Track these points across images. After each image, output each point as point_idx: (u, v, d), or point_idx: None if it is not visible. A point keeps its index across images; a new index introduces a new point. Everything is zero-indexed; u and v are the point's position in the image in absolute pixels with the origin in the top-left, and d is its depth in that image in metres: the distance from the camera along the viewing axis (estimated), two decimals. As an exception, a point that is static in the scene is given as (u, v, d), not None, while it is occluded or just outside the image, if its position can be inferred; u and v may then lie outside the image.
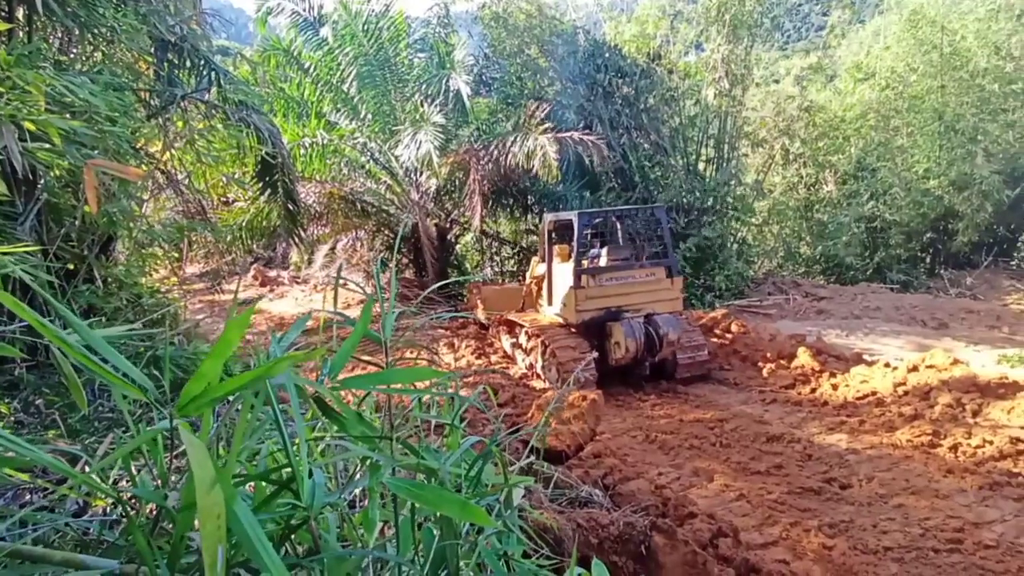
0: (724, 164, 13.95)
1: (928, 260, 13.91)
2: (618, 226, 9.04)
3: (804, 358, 7.94)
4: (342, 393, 1.37)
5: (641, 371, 7.97)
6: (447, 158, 9.84)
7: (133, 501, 1.21)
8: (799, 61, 15.30)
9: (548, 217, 8.93)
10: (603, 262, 8.17)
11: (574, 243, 7.77)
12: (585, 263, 8.04)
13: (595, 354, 6.79)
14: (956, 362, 7.55)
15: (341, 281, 1.70)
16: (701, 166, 14.28)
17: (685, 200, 12.38)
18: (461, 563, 1.07)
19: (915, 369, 7.35)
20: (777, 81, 15.28)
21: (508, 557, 1.18)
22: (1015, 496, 5.00)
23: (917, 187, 13.14)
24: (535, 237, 15.13)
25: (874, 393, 7.02)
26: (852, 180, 14.70)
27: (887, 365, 7.62)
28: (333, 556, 0.94)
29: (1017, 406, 6.41)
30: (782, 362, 8.17)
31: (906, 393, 6.94)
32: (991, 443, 5.62)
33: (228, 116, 6.41)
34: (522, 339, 8.82)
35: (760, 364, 8.28)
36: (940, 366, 7.29)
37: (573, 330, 7.90)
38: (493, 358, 8.91)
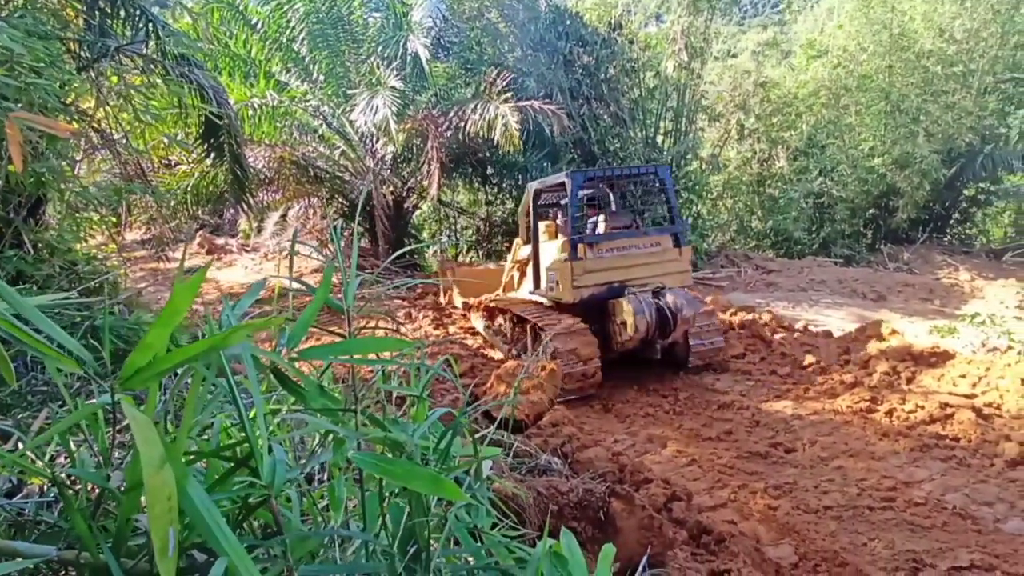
0: (682, 137, 14.09)
1: (870, 235, 14.52)
2: (613, 190, 8.15)
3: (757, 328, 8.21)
4: (299, 364, 1.30)
5: (651, 354, 7.00)
6: (404, 124, 9.55)
7: (72, 481, 1.12)
8: (756, 36, 15.45)
9: (532, 186, 7.88)
10: (600, 230, 7.34)
11: (567, 208, 6.95)
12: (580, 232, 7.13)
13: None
14: (893, 332, 7.97)
15: (295, 248, 1.61)
16: (660, 139, 14.38)
17: (643, 173, 12.46)
18: (430, 537, 1.04)
19: (856, 339, 7.72)
20: (735, 56, 15.42)
21: (478, 530, 1.15)
22: (942, 457, 5.35)
23: (863, 164, 13.61)
24: (496, 208, 15.02)
25: (818, 362, 7.34)
26: (803, 156, 15.11)
27: (829, 335, 7.98)
28: (296, 535, 0.89)
29: (946, 374, 6.83)
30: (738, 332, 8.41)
31: (847, 362, 7.29)
32: (922, 408, 5.98)
33: (168, 71, 6.00)
34: (504, 325, 8.06)
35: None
36: (879, 336, 7.67)
37: (567, 312, 6.99)
38: (451, 328, 8.86)
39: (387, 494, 1.15)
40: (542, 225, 7.81)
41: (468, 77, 11.82)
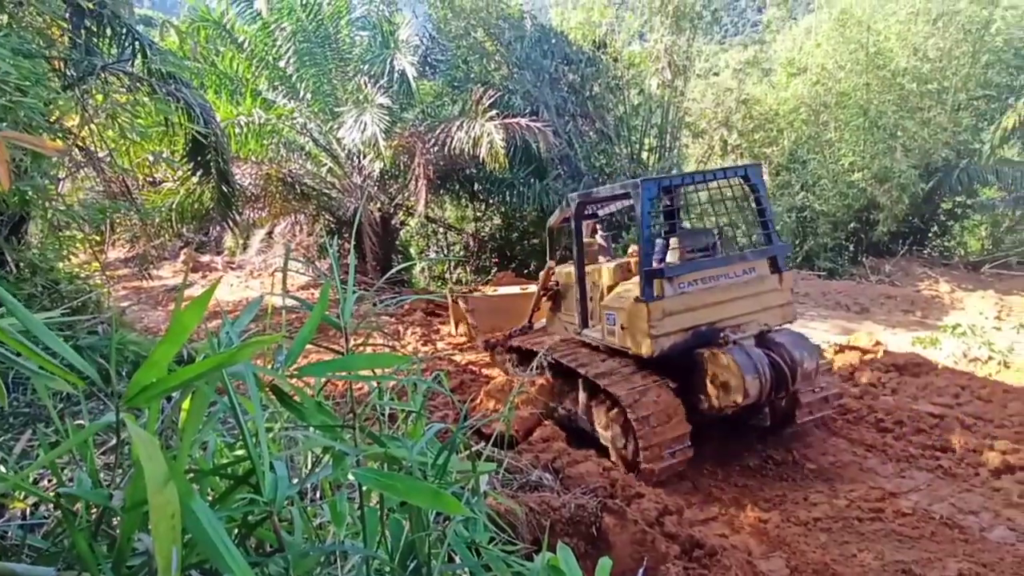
0: (666, 153, 14.29)
1: (852, 248, 14.76)
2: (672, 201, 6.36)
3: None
4: (295, 381, 1.30)
5: (759, 422, 5.59)
6: (392, 141, 9.60)
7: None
8: (737, 55, 15.80)
9: (573, 199, 6.32)
10: (671, 257, 5.55)
11: (639, 224, 5.27)
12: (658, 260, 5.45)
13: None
14: (877, 344, 8.09)
15: (280, 265, 1.62)
16: (645, 155, 14.57)
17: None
18: (430, 553, 1.04)
19: (841, 351, 7.82)
20: (717, 74, 15.74)
21: (476, 545, 1.16)
22: (928, 467, 5.42)
23: (843, 179, 13.87)
24: (484, 224, 15.06)
25: (804, 374, 7.40)
26: (785, 171, 15.37)
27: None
28: (298, 552, 0.89)
29: (929, 383, 6.93)
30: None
31: (833, 373, 7.36)
32: (908, 419, 6.06)
33: (155, 89, 6.00)
34: (553, 381, 6.43)
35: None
36: (863, 348, 7.78)
37: (634, 360, 5.48)
38: (439, 344, 8.84)
39: (386, 510, 1.15)
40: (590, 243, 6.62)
41: (455, 95, 11.93)
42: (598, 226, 7.38)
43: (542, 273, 7.32)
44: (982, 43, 13.33)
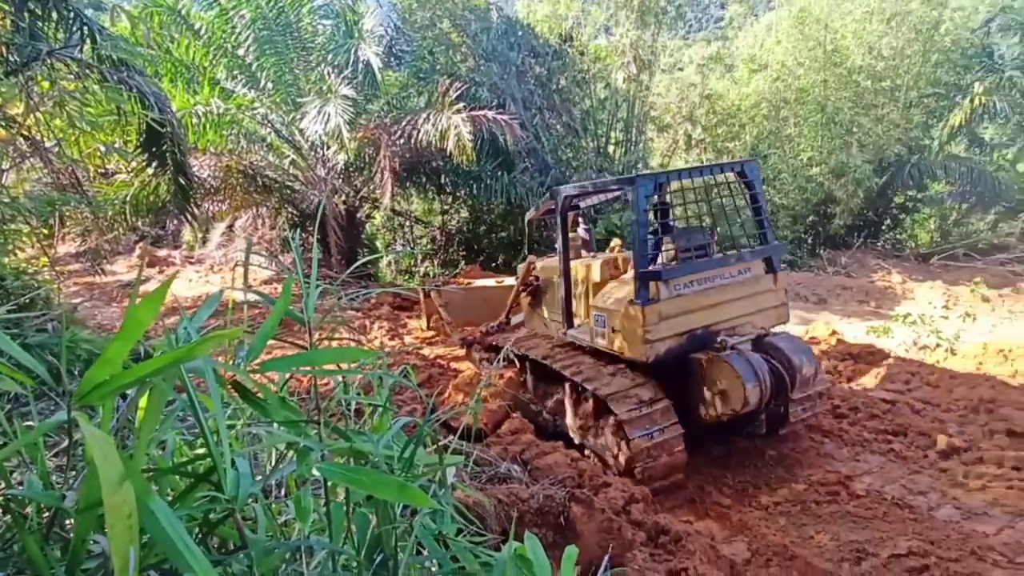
0: (632, 147, 14.45)
1: (810, 241, 15.20)
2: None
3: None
4: (257, 377, 1.28)
5: (755, 429, 5.46)
6: (357, 133, 9.44)
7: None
8: (700, 50, 16.01)
9: (559, 192, 5.99)
10: (663, 257, 5.33)
11: (634, 222, 5.06)
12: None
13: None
14: (834, 333, 8.38)
15: (242, 259, 1.59)
16: (611, 149, 14.69)
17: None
18: (397, 546, 1.04)
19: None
20: (681, 69, 15.93)
21: (444, 537, 1.16)
22: (881, 451, 5.65)
23: (802, 174, 14.26)
24: (451, 217, 14.98)
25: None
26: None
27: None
28: (261, 549, 0.87)
29: (883, 371, 7.21)
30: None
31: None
32: (862, 404, 6.30)
33: (105, 77, 5.77)
34: (527, 376, 6.31)
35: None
36: (821, 337, 8.05)
37: (622, 364, 5.27)
38: (407, 339, 8.78)
39: (352, 504, 1.15)
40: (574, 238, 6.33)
41: (421, 86, 11.81)
42: (580, 219, 7.12)
43: (521, 266, 7.01)
44: (932, 43, 13.84)
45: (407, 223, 15.42)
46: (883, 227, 15.71)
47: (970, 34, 14.27)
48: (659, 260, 5.21)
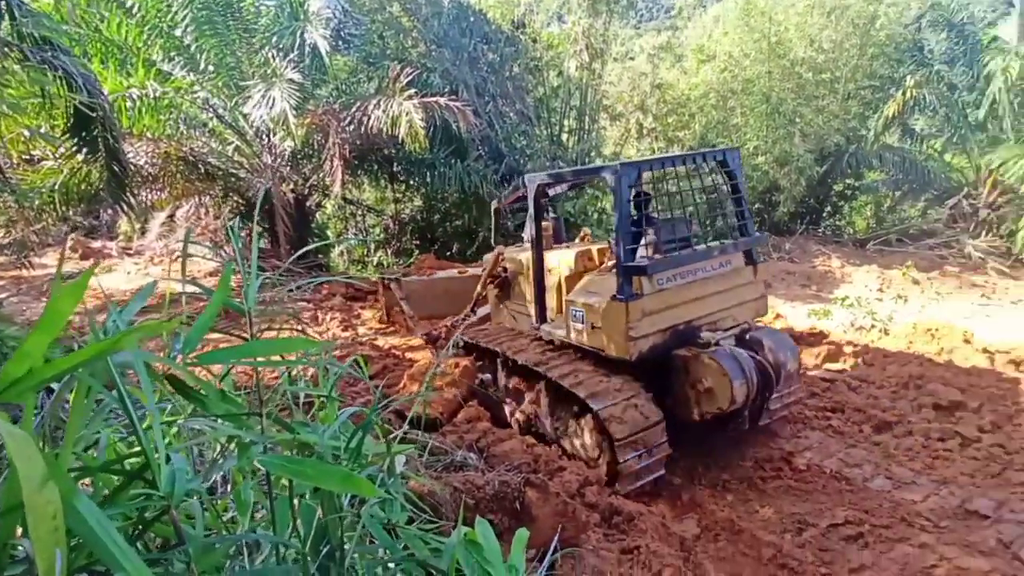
0: (586, 136, 14.55)
1: (756, 227, 15.69)
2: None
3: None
4: (199, 371, 1.24)
5: (738, 426, 5.26)
6: (304, 119, 9.16)
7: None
8: (651, 40, 16.20)
9: (532, 179, 5.75)
10: (642, 250, 5.00)
11: (617, 213, 4.82)
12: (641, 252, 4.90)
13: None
14: (778, 316, 8.72)
15: (188, 250, 1.53)
16: (564, 137, 14.75)
17: (548, 170, 12.76)
18: (344, 536, 1.03)
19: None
20: (632, 58, 16.10)
21: (393, 525, 1.15)
22: (820, 427, 5.94)
23: (748, 162, 14.69)
24: (404, 205, 14.76)
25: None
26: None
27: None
28: (200, 545, 0.85)
29: (823, 351, 7.56)
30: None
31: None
32: (805, 384, 6.59)
33: (27, 56, 5.40)
34: (499, 373, 5.98)
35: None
36: (765, 321, 8.34)
37: (617, 369, 5.00)
38: (361, 330, 8.64)
39: (298, 496, 1.13)
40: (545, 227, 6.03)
41: (371, 71, 11.54)
42: (549, 208, 6.97)
43: (488, 257, 6.75)
44: (868, 37, 14.42)
45: (359, 212, 15.13)
46: (824, 214, 16.38)
47: (903, 29, 14.92)
48: (638, 252, 4.96)
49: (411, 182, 13.44)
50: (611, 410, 4.59)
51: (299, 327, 2.39)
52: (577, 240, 6.67)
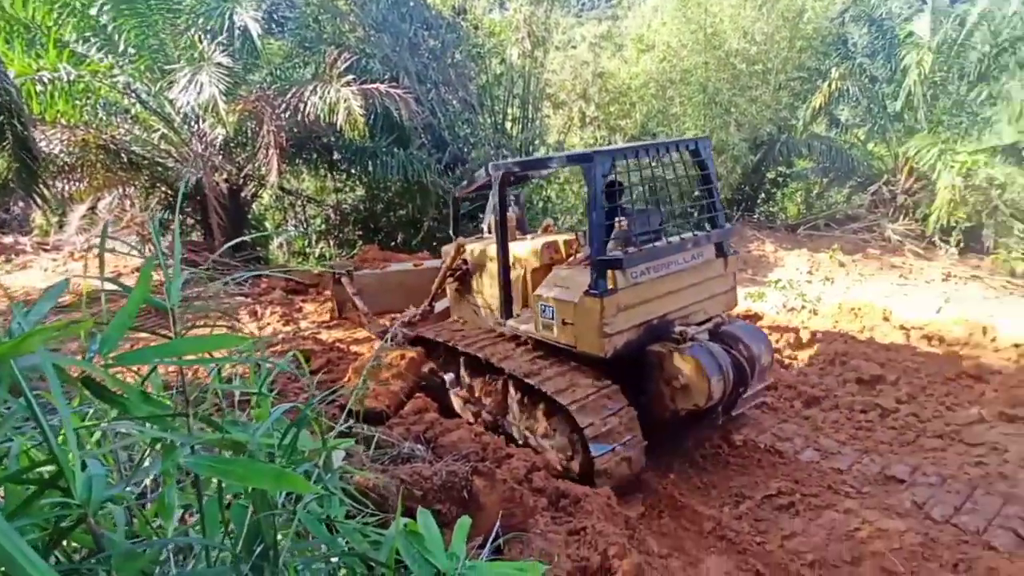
0: (529, 124, 14.58)
1: (696, 214, 16.18)
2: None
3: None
4: (124, 373, 1.18)
5: (711, 421, 5.17)
6: (236, 105, 8.76)
7: None
8: (592, 28, 16.35)
9: (498, 167, 5.54)
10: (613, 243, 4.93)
11: (590, 205, 4.61)
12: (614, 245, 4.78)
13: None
14: (715, 300, 9.03)
15: (108, 245, 1.45)
16: (508, 125, 14.73)
17: (493, 159, 12.72)
18: (279, 534, 1.01)
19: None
20: (574, 47, 16.20)
21: (331, 520, 1.14)
22: (756, 404, 6.22)
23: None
24: (346, 195, 14.39)
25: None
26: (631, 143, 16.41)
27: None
28: (121, 552, 0.82)
29: (757, 332, 7.89)
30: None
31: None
32: (739, 364, 6.88)
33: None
34: (463, 373, 5.81)
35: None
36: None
37: (588, 365, 4.91)
38: (303, 324, 8.42)
39: (231, 497, 1.10)
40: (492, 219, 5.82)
41: (307, 56, 11.14)
42: (512, 197, 6.68)
43: (448, 248, 6.48)
44: (797, 30, 15.02)
45: (298, 202, 14.66)
46: (758, 200, 17.06)
47: (829, 23, 15.63)
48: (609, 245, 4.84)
49: (352, 171, 13.12)
50: (583, 408, 4.46)
51: (229, 323, 2.31)
52: (540, 231, 6.45)
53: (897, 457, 5.20)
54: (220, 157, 10.13)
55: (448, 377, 5.95)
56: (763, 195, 17.21)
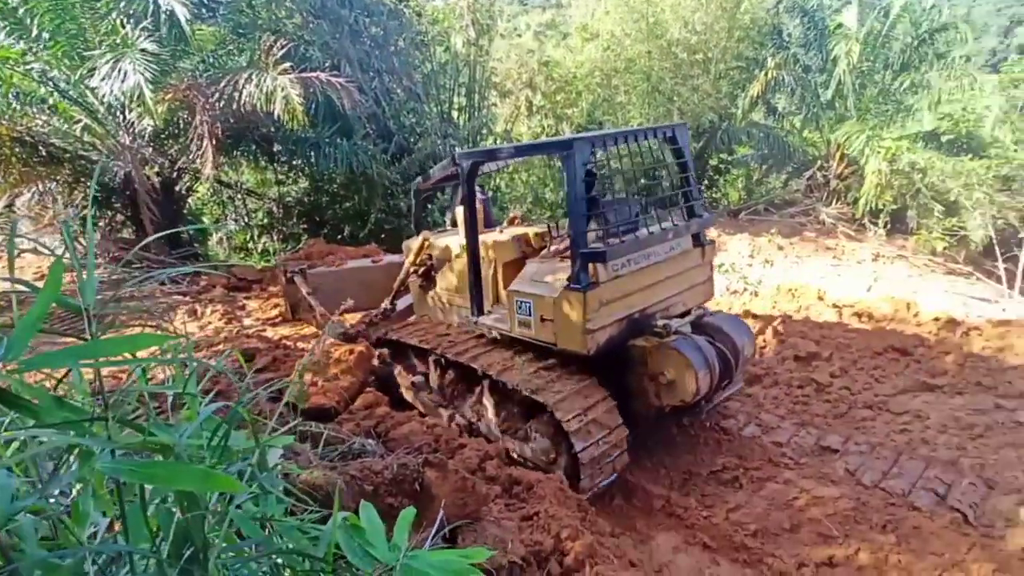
0: (476, 113, 14.48)
1: (643, 203, 16.50)
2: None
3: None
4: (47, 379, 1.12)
5: (695, 415, 5.24)
6: (165, 94, 8.32)
7: None
8: (537, 17, 16.38)
9: (468, 157, 5.28)
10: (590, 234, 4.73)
11: (570, 194, 4.45)
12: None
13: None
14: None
15: (23, 243, 1.36)
16: (455, 114, 14.60)
17: (439, 149, 12.58)
18: (212, 536, 0.98)
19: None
20: (519, 35, 16.18)
21: (268, 519, 1.11)
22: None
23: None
24: (288, 188, 13.95)
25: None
26: (585, 132, 16.56)
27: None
28: (34, 564, 0.77)
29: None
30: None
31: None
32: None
33: None
34: (431, 372, 5.62)
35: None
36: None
37: (568, 362, 4.77)
38: (246, 321, 8.14)
39: (158, 500, 1.05)
40: (458, 211, 5.55)
41: (241, 43, 10.67)
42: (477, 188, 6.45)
43: (410, 243, 6.22)
44: (735, 20, 15.44)
45: (238, 195, 14.12)
46: (702, 187, 17.53)
47: (764, 14, 16.13)
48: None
49: (294, 163, 12.72)
50: (567, 408, 4.34)
51: (156, 324, 2.21)
52: (506, 224, 6.25)
53: (831, 428, 5.49)
54: (150, 149, 9.63)
55: (417, 379, 5.72)
56: (707, 181, 17.70)
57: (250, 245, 14.01)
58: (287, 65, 8.77)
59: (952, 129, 15.18)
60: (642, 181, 5.39)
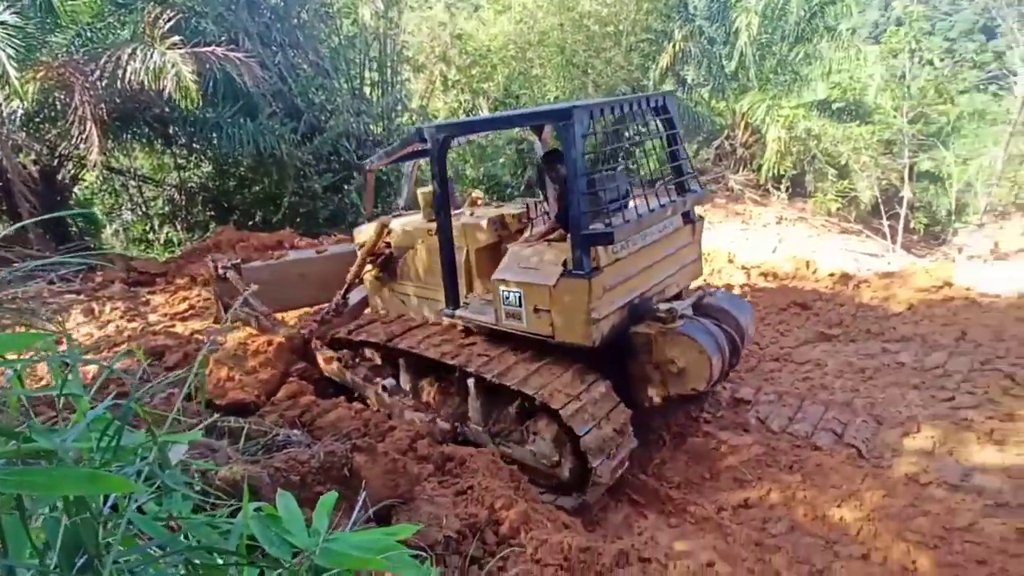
0: (390, 88, 14.05)
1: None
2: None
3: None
4: None
5: (702, 402, 5.06)
6: (35, 72, 7.50)
7: None
8: (446, -12, 15.95)
9: (430, 130, 4.72)
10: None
11: (570, 169, 3.92)
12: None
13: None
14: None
15: None
16: (367, 90, 14.10)
17: (352, 127, 12.14)
18: (108, 539, 0.92)
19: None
20: (430, 7, 15.74)
21: (173, 518, 1.06)
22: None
23: (549, 113, 15.42)
24: (190, 173, 13.03)
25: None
26: (502, 106, 16.45)
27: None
28: None
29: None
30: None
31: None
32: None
33: None
34: (413, 382, 5.14)
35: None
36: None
37: (565, 356, 4.39)
38: (152, 318, 7.62)
39: (43, 511, 0.97)
40: (420, 193, 5.04)
41: (122, 15, 9.76)
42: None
43: (363, 230, 5.71)
44: (643, -8, 15.75)
45: (132, 182, 13.07)
46: (620, 158, 17.96)
47: (671, -14, 16.55)
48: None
49: (195, 146, 11.88)
50: (573, 407, 3.98)
51: (33, 321, 2.03)
52: (466, 205, 5.80)
53: (743, 382, 5.86)
54: (24, 135, 8.70)
55: (388, 382, 5.20)
56: (623, 153, 18.14)
57: (151, 236, 13.06)
58: (177, 39, 8.12)
59: (841, 97, 16.29)
60: (623, 155, 5.06)
